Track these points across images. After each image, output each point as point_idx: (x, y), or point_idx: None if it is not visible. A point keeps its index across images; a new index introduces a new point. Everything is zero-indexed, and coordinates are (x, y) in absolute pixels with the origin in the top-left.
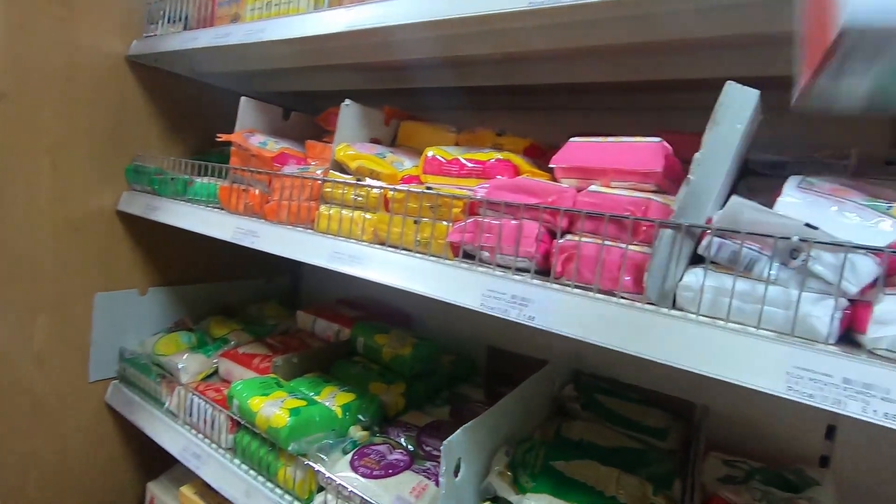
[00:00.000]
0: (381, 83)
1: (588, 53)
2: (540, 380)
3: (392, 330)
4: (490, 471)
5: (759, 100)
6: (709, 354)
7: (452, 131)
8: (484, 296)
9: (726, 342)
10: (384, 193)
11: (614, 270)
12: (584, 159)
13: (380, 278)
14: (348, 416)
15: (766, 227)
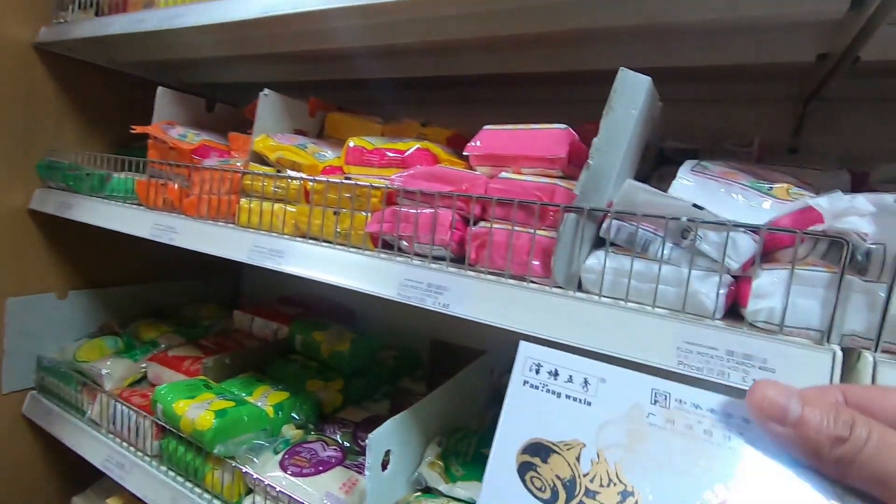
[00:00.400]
0: (314, 74)
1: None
2: (477, 369)
3: (331, 326)
4: (421, 462)
5: (652, 87)
6: (611, 334)
7: (379, 122)
8: (401, 285)
9: (625, 322)
10: (304, 185)
11: (524, 255)
12: (495, 146)
13: (301, 272)
14: (281, 415)
15: (658, 209)
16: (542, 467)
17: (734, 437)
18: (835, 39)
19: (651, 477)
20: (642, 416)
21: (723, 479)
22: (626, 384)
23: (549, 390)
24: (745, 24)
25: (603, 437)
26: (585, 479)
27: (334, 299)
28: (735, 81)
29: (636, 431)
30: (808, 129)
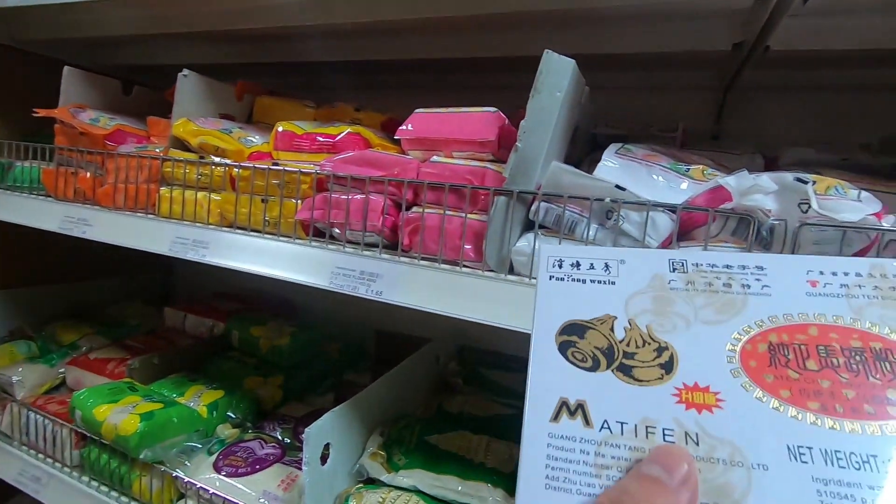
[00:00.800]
0: (246, 56)
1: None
2: (421, 358)
3: (271, 321)
4: (363, 453)
5: (576, 69)
6: None
7: (311, 106)
8: (333, 274)
9: None
10: (229, 171)
11: (456, 240)
12: (427, 130)
13: (227, 263)
14: (216, 414)
15: (583, 191)
16: (580, 342)
17: (752, 284)
18: (746, 29)
19: (681, 332)
20: (664, 284)
21: (747, 321)
22: (644, 260)
23: (574, 279)
24: (666, 11)
25: (631, 307)
26: (622, 344)
27: (274, 293)
28: (661, 69)
29: (661, 297)
30: (728, 117)
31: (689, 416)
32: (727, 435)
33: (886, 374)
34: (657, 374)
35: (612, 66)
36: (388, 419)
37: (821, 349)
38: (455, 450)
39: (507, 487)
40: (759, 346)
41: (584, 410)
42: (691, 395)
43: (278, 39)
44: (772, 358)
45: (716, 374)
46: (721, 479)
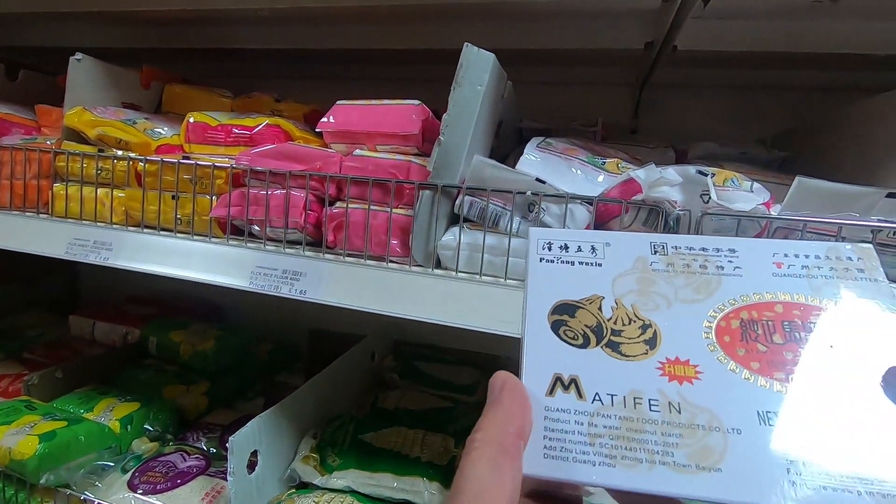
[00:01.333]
0: (155, 41)
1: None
2: (355, 355)
3: (192, 324)
4: (295, 457)
5: (496, 64)
6: (469, 309)
7: (227, 96)
8: (253, 273)
9: (482, 295)
10: (134, 166)
11: (382, 235)
12: (349, 123)
13: (135, 266)
14: (130, 429)
15: (505, 184)
16: (571, 321)
17: (725, 266)
18: (656, 29)
19: (663, 310)
20: (647, 265)
21: (721, 300)
22: (628, 243)
23: (563, 261)
24: (581, 9)
25: (617, 287)
26: (609, 322)
27: (197, 294)
28: (581, 66)
29: (644, 278)
30: (644, 112)
31: (672, 387)
32: (705, 403)
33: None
34: (643, 349)
35: (535, 62)
36: (322, 420)
37: (785, 324)
38: (390, 446)
39: (442, 480)
40: (732, 323)
41: (577, 384)
42: (674, 369)
43: (191, 24)
44: (743, 333)
45: (695, 348)
46: (701, 443)
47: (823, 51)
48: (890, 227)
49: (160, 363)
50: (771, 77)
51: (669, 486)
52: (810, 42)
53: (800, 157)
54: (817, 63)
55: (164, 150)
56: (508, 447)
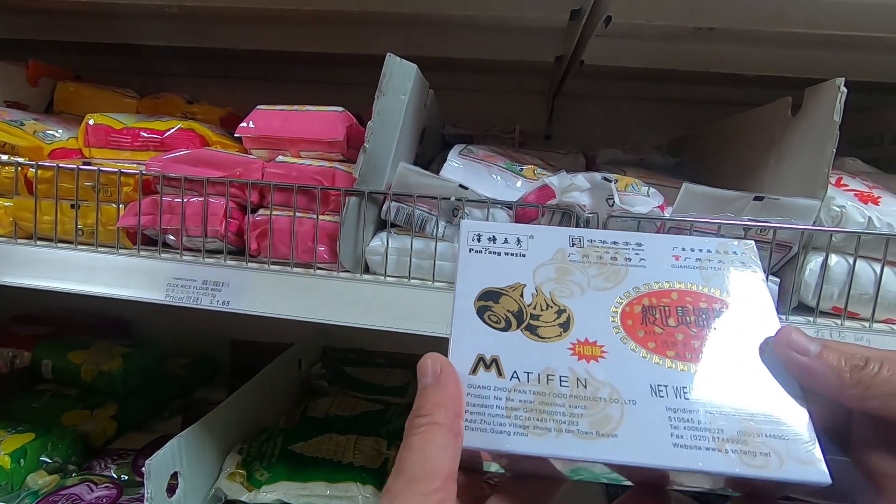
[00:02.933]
0: (40, 32)
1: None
2: (281, 365)
3: (95, 343)
4: (219, 475)
5: (419, 73)
6: (399, 312)
7: (132, 96)
8: (169, 285)
9: (411, 299)
10: (23, 172)
11: (308, 242)
12: (270, 128)
13: (29, 282)
14: (23, 462)
15: (430, 190)
16: (495, 306)
17: (632, 258)
18: (564, 44)
19: (577, 297)
20: (565, 256)
21: (627, 288)
22: (549, 236)
23: (490, 251)
24: (496, 23)
25: (538, 276)
26: (529, 307)
27: (98, 310)
28: (500, 74)
29: (562, 268)
30: (557, 120)
31: (581, 365)
32: (608, 378)
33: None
34: (557, 332)
35: (456, 69)
36: (249, 435)
37: (679, 310)
38: (322, 454)
39: (375, 482)
40: (634, 308)
41: (497, 364)
42: (583, 349)
43: (86, 15)
44: (643, 317)
45: (601, 331)
46: (602, 413)
47: (704, 69)
48: (758, 225)
49: (58, 388)
50: (664, 90)
51: (573, 451)
52: (693, 61)
53: (689, 163)
54: (700, 79)
55: (59, 155)
56: (457, 429)
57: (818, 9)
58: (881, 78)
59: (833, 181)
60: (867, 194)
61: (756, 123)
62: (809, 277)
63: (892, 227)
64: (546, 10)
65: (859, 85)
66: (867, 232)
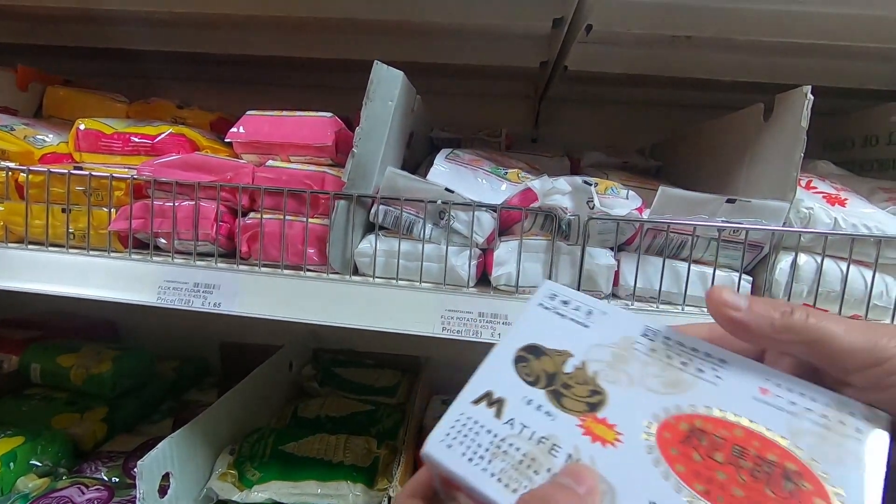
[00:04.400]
0: (28, 37)
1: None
2: (272, 366)
3: (84, 346)
4: (211, 475)
5: (405, 80)
6: (387, 313)
7: (122, 101)
8: (161, 288)
9: (399, 299)
10: (14, 177)
11: (298, 245)
12: (260, 133)
13: (19, 286)
14: (13, 466)
15: (417, 194)
16: (532, 362)
17: (706, 371)
18: (548, 51)
19: (622, 387)
20: (630, 344)
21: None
22: (622, 320)
23: (557, 312)
24: (482, 30)
25: (591, 353)
26: (565, 376)
27: (87, 313)
28: (487, 79)
29: (620, 355)
30: (543, 123)
31: (588, 446)
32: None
33: (784, 492)
34: (582, 408)
35: (444, 74)
36: (240, 436)
37: (735, 448)
38: (313, 454)
39: (365, 480)
40: (681, 424)
41: (501, 406)
42: (595, 426)
43: (76, 21)
44: (687, 437)
45: (628, 423)
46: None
47: (683, 75)
48: (730, 227)
49: (46, 391)
50: (645, 95)
51: None
52: (672, 67)
53: (671, 165)
54: (680, 84)
55: (49, 160)
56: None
57: (788, 19)
58: (851, 84)
59: (803, 184)
60: (835, 196)
61: (731, 128)
62: (780, 276)
63: (857, 227)
64: (529, 18)
65: (831, 91)
66: (833, 233)
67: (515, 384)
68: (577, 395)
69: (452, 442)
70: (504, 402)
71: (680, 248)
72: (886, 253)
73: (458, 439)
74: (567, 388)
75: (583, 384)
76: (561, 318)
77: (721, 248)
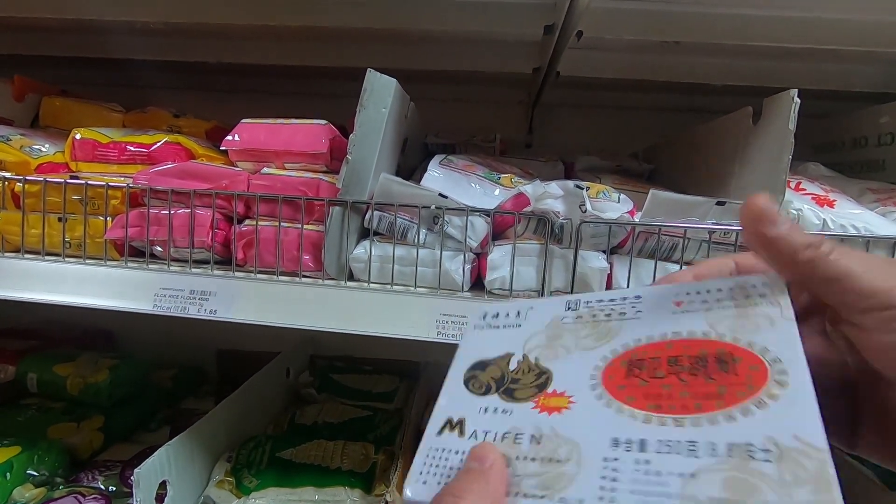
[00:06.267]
0: (20, 47)
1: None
2: (270, 373)
3: (81, 355)
4: (209, 483)
5: (398, 87)
6: (383, 317)
7: (118, 111)
8: (157, 296)
9: (394, 304)
10: (10, 186)
11: (294, 251)
12: (255, 141)
13: (17, 295)
14: (10, 476)
15: (411, 199)
16: (481, 375)
17: (628, 311)
18: (540, 57)
19: (561, 358)
20: (559, 322)
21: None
22: (547, 306)
23: (491, 326)
24: (474, 37)
25: (528, 344)
26: (512, 373)
27: (82, 323)
28: (481, 85)
29: (553, 334)
30: (537, 128)
31: (545, 420)
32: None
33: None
34: (532, 392)
35: (437, 81)
36: (237, 443)
37: (671, 360)
38: (311, 460)
39: (363, 486)
40: (620, 363)
41: (462, 425)
42: (548, 401)
43: (72, 31)
44: (628, 372)
45: (576, 385)
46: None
47: (672, 79)
48: (720, 229)
49: (43, 401)
50: (637, 99)
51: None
52: (662, 72)
53: (663, 169)
54: (671, 89)
55: (46, 169)
56: None
57: (775, 23)
58: (838, 86)
59: (792, 185)
60: (823, 198)
61: (721, 131)
62: None
63: (846, 228)
64: (520, 25)
65: (819, 93)
66: (822, 234)
67: (470, 401)
68: (526, 384)
69: (428, 477)
70: (464, 422)
71: (672, 251)
72: (875, 252)
73: (431, 472)
74: (516, 382)
75: (528, 372)
76: (495, 329)
77: (712, 249)
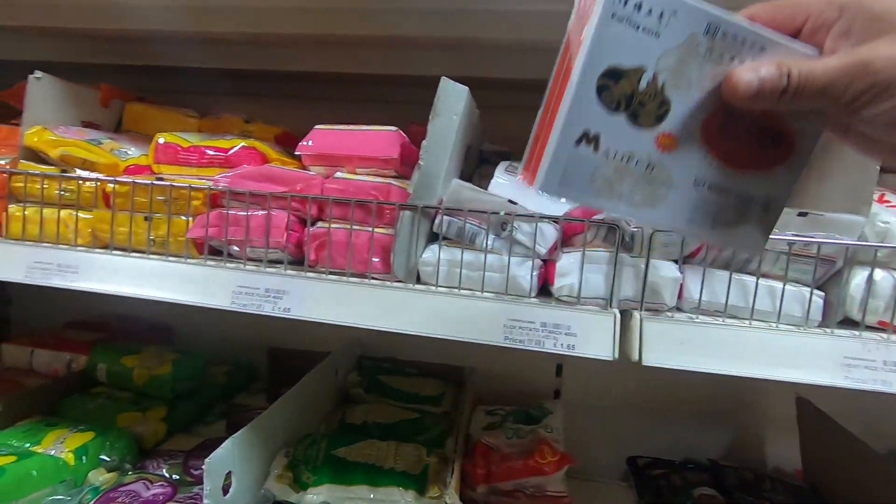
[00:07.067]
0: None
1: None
2: (321, 372)
3: (145, 348)
4: (268, 476)
5: (469, 95)
6: (449, 321)
7: (193, 116)
8: (234, 293)
9: (461, 307)
10: (102, 187)
11: (364, 253)
12: (328, 146)
13: (105, 288)
14: (85, 460)
15: (481, 205)
16: (613, 87)
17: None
18: None
19: (682, 92)
20: (693, 47)
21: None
22: (689, 17)
23: (631, 22)
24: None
25: (661, 63)
26: (640, 94)
27: (145, 317)
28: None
29: (683, 59)
30: None
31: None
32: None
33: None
34: (652, 122)
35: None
36: (292, 439)
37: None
38: (364, 459)
39: (417, 488)
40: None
41: (597, 141)
42: (664, 140)
43: (144, 42)
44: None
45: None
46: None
47: None
48: (802, 241)
49: (111, 390)
50: None
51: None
52: None
53: None
54: None
55: (132, 171)
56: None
57: None
58: None
59: (876, 198)
60: None
61: None
62: (855, 291)
63: None
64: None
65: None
66: None
67: (602, 117)
68: (650, 112)
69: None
70: (599, 137)
71: (747, 262)
72: None
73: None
74: (642, 107)
75: (653, 99)
76: (634, 30)
77: (791, 261)
